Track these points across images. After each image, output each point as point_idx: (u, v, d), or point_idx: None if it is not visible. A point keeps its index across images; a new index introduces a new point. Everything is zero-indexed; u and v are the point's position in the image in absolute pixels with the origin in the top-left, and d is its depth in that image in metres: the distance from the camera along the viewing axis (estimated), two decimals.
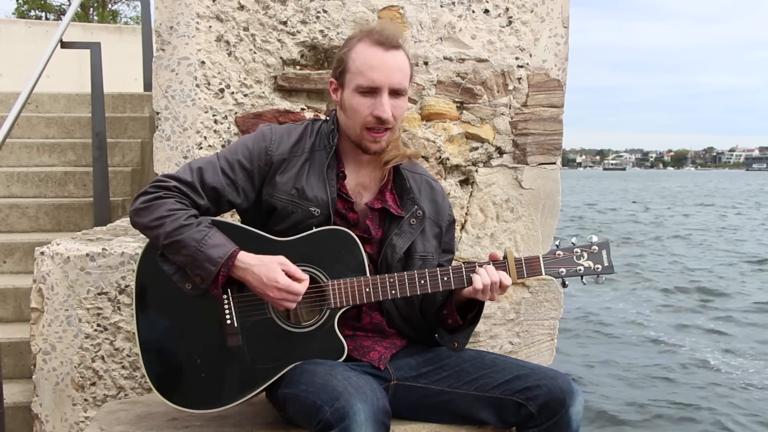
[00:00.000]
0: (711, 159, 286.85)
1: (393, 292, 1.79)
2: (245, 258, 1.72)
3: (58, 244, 2.44)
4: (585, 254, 1.81)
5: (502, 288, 1.78)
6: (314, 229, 1.81)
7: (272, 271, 1.70)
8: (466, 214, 2.65)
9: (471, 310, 1.88)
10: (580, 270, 1.81)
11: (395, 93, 1.79)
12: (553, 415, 1.71)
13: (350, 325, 1.87)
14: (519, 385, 1.76)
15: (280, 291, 1.70)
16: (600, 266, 1.81)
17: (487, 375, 1.82)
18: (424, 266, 1.90)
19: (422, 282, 1.79)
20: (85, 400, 2.44)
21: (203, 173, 1.79)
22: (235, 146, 1.87)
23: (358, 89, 1.78)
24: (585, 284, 1.84)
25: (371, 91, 1.77)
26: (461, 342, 1.87)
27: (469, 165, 2.63)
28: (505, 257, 1.80)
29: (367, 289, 1.78)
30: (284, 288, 1.69)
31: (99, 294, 2.41)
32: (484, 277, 1.77)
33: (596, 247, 1.81)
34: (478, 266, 1.79)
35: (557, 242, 1.82)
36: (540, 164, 2.65)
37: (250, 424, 1.89)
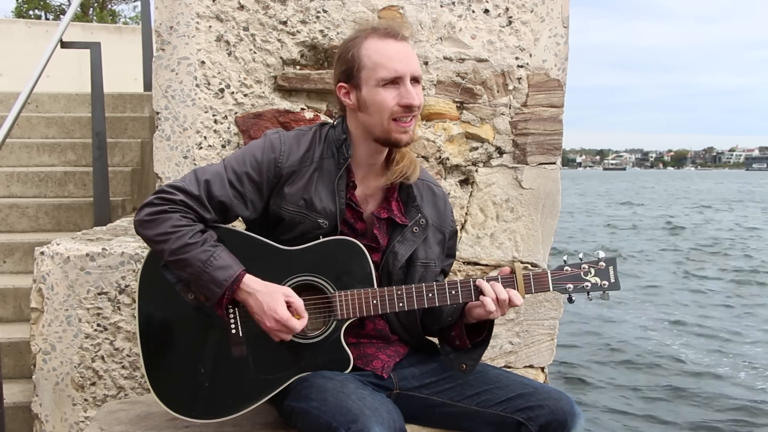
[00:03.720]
0: (711, 159, 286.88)
1: (400, 304, 1.76)
2: (250, 282, 1.69)
3: (58, 244, 2.44)
4: (592, 270, 1.79)
5: (511, 305, 1.74)
6: (322, 239, 1.78)
7: (275, 301, 1.68)
8: (466, 214, 2.65)
9: (479, 331, 1.83)
10: (587, 286, 1.79)
11: (415, 80, 1.78)
12: None
13: (354, 333, 1.84)
14: (521, 403, 1.75)
15: (277, 323, 1.67)
16: (607, 282, 1.79)
17: (490, 390, 1.80)
18: (426, 273, 1.88)
19: (430, 295, 1.76)
20: (85, 400, 2.44)
21: (210, 186, 1.74)
22: (243, 156, 1.81)
23: (381, 82, 1.74)
24: (591, 300, 1.83)
25: (394, 82, 1.75)
26: (470, 364, 1.81)
27: (469, 165, 2.63)
28: (513, 272, 1.77)
29: (374, 301, 1.75)
30: (281, 320, 1.67)
31: (99, 294, 2.41)
32: (491, 292, 1.73)
33: (603, 263, 1.80)
34: (487, 280, 1.76)
35: (565, 257, 1.80)
36: (540, 164, 2.65)
37: (249, 424, 1.89)
